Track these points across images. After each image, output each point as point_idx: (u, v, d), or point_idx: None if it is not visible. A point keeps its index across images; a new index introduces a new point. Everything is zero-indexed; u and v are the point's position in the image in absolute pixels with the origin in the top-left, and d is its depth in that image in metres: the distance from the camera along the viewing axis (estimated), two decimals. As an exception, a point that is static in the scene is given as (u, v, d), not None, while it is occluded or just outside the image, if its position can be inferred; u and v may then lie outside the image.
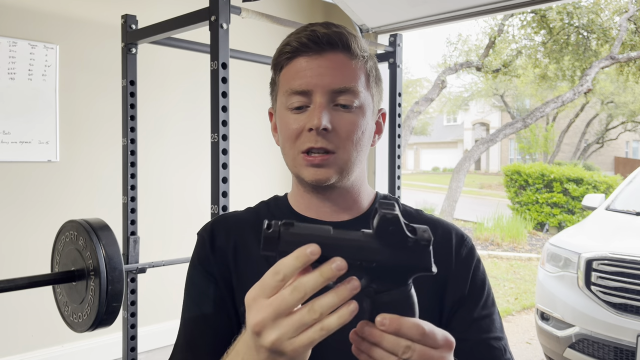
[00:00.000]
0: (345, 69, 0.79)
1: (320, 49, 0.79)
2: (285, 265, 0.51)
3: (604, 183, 9.04)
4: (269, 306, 0.51)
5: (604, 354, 2.76)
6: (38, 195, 2.88)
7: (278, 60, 0.83)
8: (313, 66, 0.79)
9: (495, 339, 0.82)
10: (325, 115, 0.77)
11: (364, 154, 0.83)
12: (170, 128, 3.37)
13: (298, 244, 0.52)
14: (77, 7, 2.99)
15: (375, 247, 0.53)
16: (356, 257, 0.52)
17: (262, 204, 0.94)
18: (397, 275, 0.54)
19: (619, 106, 16.67)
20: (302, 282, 0.50)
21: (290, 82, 0.80)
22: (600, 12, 7.69)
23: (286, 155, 0.83)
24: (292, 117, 0.80)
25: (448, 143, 29.03)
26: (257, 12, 1.86)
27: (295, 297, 0.50)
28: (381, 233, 0.53)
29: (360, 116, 0.81)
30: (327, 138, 0.78)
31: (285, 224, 0.53)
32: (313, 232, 0.53)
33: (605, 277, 2.83)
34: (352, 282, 0.51)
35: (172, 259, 2.18)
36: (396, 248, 0.53)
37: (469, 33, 25.16)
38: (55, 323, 2.48)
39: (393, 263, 0.53)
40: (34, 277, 1.62)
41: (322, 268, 0.50)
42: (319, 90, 0.78)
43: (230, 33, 1.71)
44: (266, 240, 0.52)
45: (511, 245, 8.06)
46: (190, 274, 0.88)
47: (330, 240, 0.52)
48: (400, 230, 0.52)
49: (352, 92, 0.79)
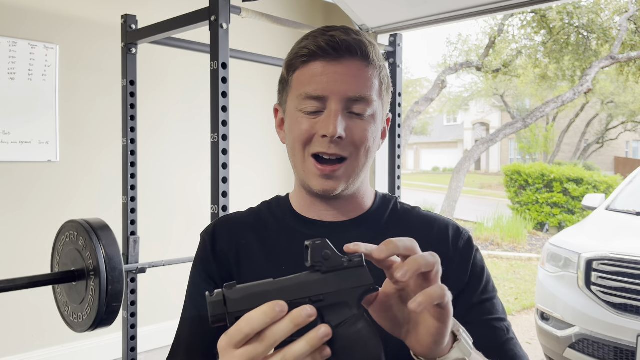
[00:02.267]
0: (362, 77, 0.79)
1: (339, 56, 0.78)
2: (252, 321, 0.51)
3: (604, 183, 9.04)
4: (239, 357, 0.52)
5: (604, 354, 2.76)
6: (38, 195, 2.88)
7: (293, 61, 0.82)
8: (329, 72, 0.78)
9: (497, 319, 0.82)
10: (340, 124, 0.77)
11: (371, 160, 0.84)
12: (170, 128, 3.37)
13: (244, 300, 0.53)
14: (77, 7, 2.99)
15: (317, 278, 0.55)
16: (304, 294, 0.54)
17: (264, 204, 0.94)
18: (345, 301, 0.55)
19: (619, 106, 16.67)
20: (272, 331, 0.51)
21: (306, 86, 0.79)
22: (600, 12, 7.69)
23: (295, 156, 0.83)
24: (306, 122, 0.80)
25: (448, 143, 29.03)
26: (257, 12, 1.86)
27: (264, 346, 0.51)
28: (317, 260, 0.55)
29: (372, 124, 0.81)
30: (340, 145, 0.78)
31: (227, 286, 0.54)
32: (256, 284, 0.54)
33: (605, 277, 2.83)
34: (323, 329, 0.51)
35: (172, 259, 2.17)
36: (335, 273, 0.55)
37: (469, 33, 25.17)
38: (55, 323, 2.47)
39: (337, 288, 0.55)
40: (34, 277, 1.61)
41: (292, 315, 0.51)
42: (335, 97, 0.78)
43: (230, 33, 1.71)
44: (212, 306, 0.53)
45: (511, 245, 8.05)
46: (191, 275, 0.89)
47: (275, 287, 0.54)
48: (332, 252, 0.55)
49: (366, 100, 0.79)
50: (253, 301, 0.52)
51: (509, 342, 0.80)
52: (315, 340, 0.51)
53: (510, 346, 0.80)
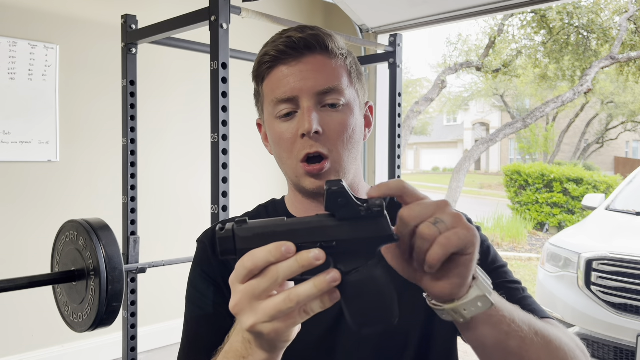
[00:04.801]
0: (327, 70, 0.80)
1: (299, 54, 0.79)
2: (255, 257, 0.51)
3: (604, 183, 9.04)
4: (242, 291, 0.52)
5: (604, 354, 2.76)
6: (38, 195, 2.88)
7: (259, 71, 0.83)
8: (294, 72, 0.79)
9: (511, 282, 0.81)
10: (315, 119, 0.78)
11: (357, 151, 0.84)
12: (170, 128, 3.37)
13: (254, 238, 0.52)
14: (77, 7, 2.99)
15: (331, 224, 0.52)
16: (314, 239, 0.51)
17: (261, 207, 0.95)
18: (359, 250, 0.53)
19: (619, 106, 16.66)
20: (276, 268, 0.50)
21: (275, 91, 0.80)
22: (600, 12, 7.69)
23: (284, 164, 0.84)
24: (284, 126, 0.81)
25: (448, 143, 29.02)
26: (257, 12, 1.86)
27: (266, 282, 0.51)
28: (332, 208, 0.52)
29: (349, 114, 0.81)
30: (320, 141, 0.79)
31: (238, 222, 0.53)
32: (267, 223, 0.53)
33: (605, 277, 2.83)
34: (332, 274, 0.50)
35: (172, 259, 2.18)
36: (351, 221, 0.52)
37: (469, 33, 25.14)
38: (55, 323, 2.47)
39: (352, 237, 0.52)
40: (34, 277, 1.61)
41: (300, 256, 0.50)
42: (305, 95, 0.78)
43: (230, 33, 1.71)
44: (222, 241, 0.52)
45: (511, 245, 8.05)
46: (191, 278, 0.89)
47: (285, 228, 0.52)
48: (350, 200, 0.52)
49: (337, 91, 0.80)
50: (262, 240, 0.51)
51: (526, 299, 0.80)
52: (323, 284, 0.50)
53: (529, 302, 0.79)
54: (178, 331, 0.89)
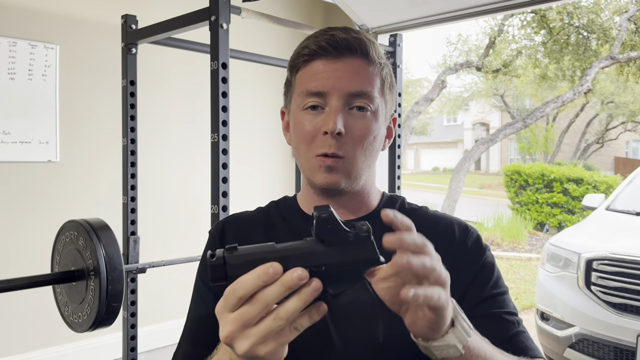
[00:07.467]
0: (362, 74, 0.80)
1: (339, 54, 0.80)
2: (245, 284, 0.51)
3: (604, 183, 9.04)
4: (234, 320, 0.52)
5: (604, 354, 2.76)
6: (38, 195, 2.88)
7: (295, 61, 0.84)
8: (330, 69, 0.79)
9: (508, 313, 0.81)
10: (340, 119, 0.78)
11: (373, 158, 0.85)
12: (170, 128, 3.37)
13: (245, 264, 0.52)
14: (77, 7, 2.99)
15: (320, 249, 0.54)
16: (304, 264, 0.53)
17: (272, 204, 0.96)
18: (347, 273, 0.54)
19: (619, 106, 16.66)
20: (263, 294, 0.51)
21: (307, 84, 0.81)
22: (600, 12, 7.69)
23: (301, 156, 0.84)
24: (307, 118, 0.81)
25: (448, 143, 29.02)
26: (257, 12, 1.86)
27: (257, 309, 0.51)
28: (321, 234, 0.54)
29: (374, 121, 0.82)
30: (340, 142, 0.79)
31: (229, 249, 0.53)
32: (257, 250, 0.54)
33: (605, 277, 2.83)
34: (313, 283, 0.51)
35: (172, 259, 2.18)
36: (339, 246, 0.54)
37: (469, 33, 25.15)
38: (55, 323, 2.47)
39: (340, 261, 0.54)
40: (34, 277, 1.61)
41: (284, 278, 0.51)
42: (335, 93, 0.79)
43: (230, 33, 1.71)
44: (212, 269, 0.52)
45: (511, 245, 8.06)
46: (199, 271, 0.91)
47: (275, 254, 0.53)
48: (338, 227, 0.54)
49: (367, 96, 0.80)
50: (252, 267, 0.52)
51: (519, 335, 0.80)
52: (306, 295, 0.51)
53: (522, 338, 0.80)
54: (178, 331, 0.90)
